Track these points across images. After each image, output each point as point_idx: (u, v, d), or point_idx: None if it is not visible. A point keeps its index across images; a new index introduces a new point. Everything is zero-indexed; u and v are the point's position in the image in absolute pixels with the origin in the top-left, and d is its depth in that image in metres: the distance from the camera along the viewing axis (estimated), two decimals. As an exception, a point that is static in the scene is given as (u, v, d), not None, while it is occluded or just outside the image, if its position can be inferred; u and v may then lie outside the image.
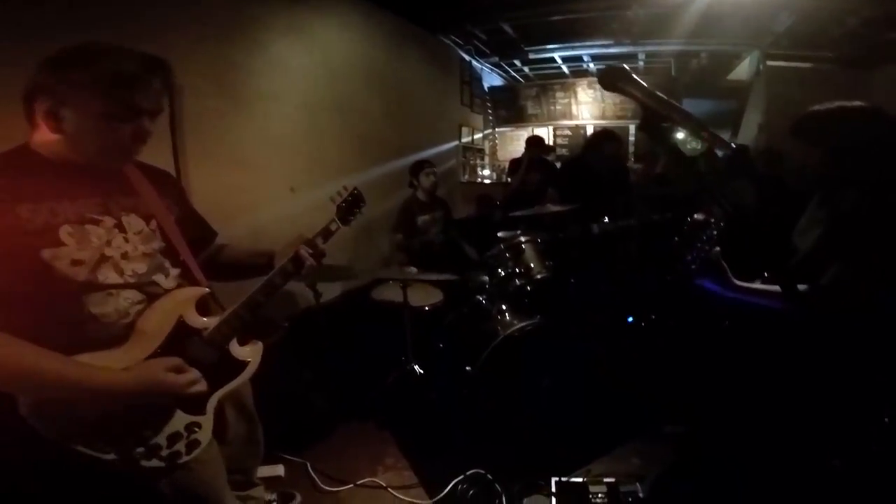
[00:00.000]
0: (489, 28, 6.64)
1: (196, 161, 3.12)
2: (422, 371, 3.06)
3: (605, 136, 4.29)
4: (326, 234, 1.68)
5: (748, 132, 6.61)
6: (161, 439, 1.24)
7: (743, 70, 7.03)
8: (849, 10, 4.89)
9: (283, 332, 2.85)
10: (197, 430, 1.30)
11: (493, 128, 9.28)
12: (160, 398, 1.21)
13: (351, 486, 2.42)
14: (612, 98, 8.45)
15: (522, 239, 3.38)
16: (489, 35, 6.92)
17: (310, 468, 2.51)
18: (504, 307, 3.12)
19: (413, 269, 3.06)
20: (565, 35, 6.75)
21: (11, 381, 1.07)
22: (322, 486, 2.42)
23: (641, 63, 8.04)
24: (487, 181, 8.44)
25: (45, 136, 1.15)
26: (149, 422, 1.24)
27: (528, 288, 3.26)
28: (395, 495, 2.35)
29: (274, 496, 2.26)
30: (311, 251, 1.57)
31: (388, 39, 5.60)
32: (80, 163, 1.19)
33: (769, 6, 5.15)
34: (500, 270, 3.30)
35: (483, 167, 8.84)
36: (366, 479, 2.44)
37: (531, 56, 7.65)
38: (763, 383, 1.84)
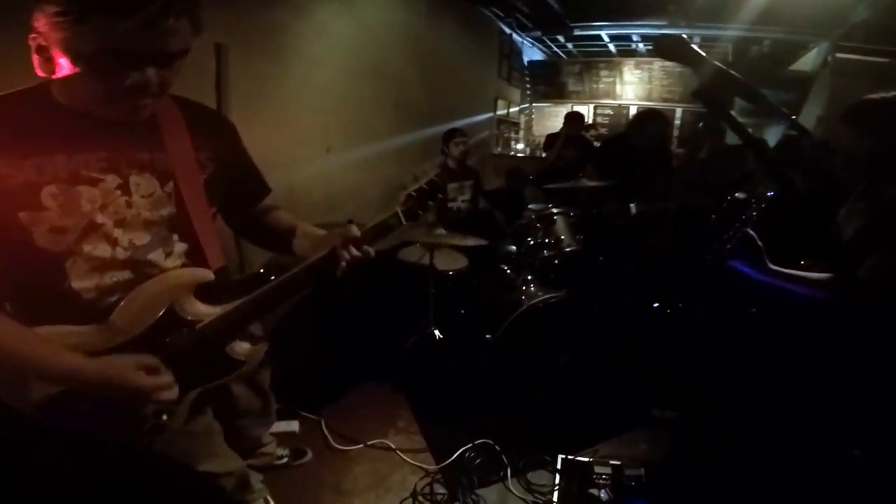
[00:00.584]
0: (533, 1, 6.49)
1: (239, 119, 3.07)
2: (441, 336, 3.02)
3: (650, 116, 4.18)
4: (382, 230, 1.24)
5: (806, 125, 6.34)
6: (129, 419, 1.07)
7: (808, 61, 6.74)
8: None
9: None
10: (165, 417, 1.09)
11: (531, 102, 9.13)
12: (123, 396, 1.02)
13: (361, 445, 2.42)
14: (660, 80, 8.22)
15: (554, 210, 3.31)
16: (532, 8, 6.75)
17: (323, 426, 2.52)
18: (529, 277, 3.07)
19: (442, 231, 3.02)
20: (615, 13, 6.58)
21: None
22: (334, 443, 2.42)
23: (696, 47, 7.75)
24: (521, 155, 8.32)
25: (57, 75, 0.93)
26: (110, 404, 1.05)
27: (556, 260, 3.21)
28: (403, 458, 2.35)
29: (286, 452, 2.25)
30: (353, 253, 1.17)
31: (428, 8, 5.55)
32: (97, 112, 0.99)
33: None
34: (528, 239, 3.25)
35: (517, 141, 8.73)
36: (376, 441, 2.44)
37: (576, 32, 7.47)
38: (787, 372, 1.80)
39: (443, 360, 2.96)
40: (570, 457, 2.21)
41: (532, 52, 8.87)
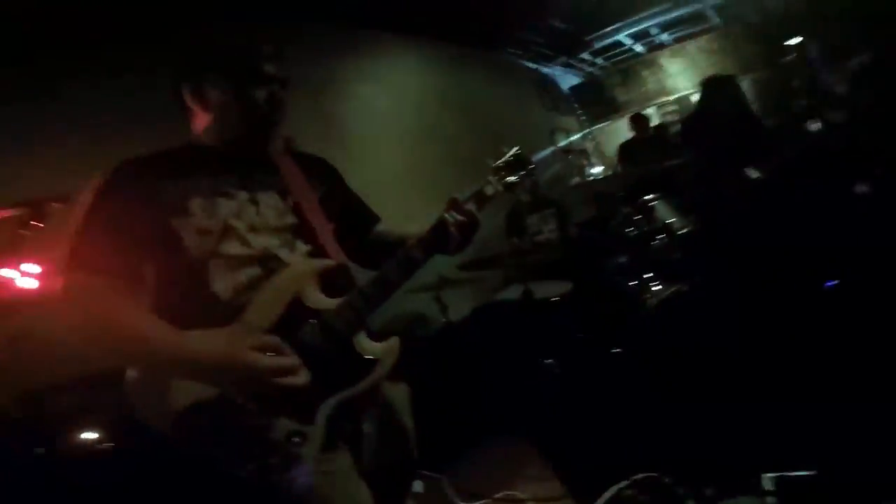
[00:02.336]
0: (539, 29, 6.50)
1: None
2: (559, 369, 2.73)
3: (715, 79, 3.83)
4: (480, 198, 1.37)
5: None
6: (256, 447, 1.01)
7: None
8: None
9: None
10: (298, 440, 1.03)
11: (590, 126, 8.98)
12: (242, 383, 0.99)
13: (489, 500, 2.20)
14: (703, 59, 7.86)
15: (649, 197, 3.00)
16: (543, 36, 6.77)
17: (446, 483, 2.30)
18: (648, 276, 2.73)
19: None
20: (620, 12, 6.49)
21: (91, 331, 1.05)
22: (458, 501, 2.23)
23: (717, 19, 7.42)
24: (601, 177, 7.96)
25: (198, 123, 1.24)
26: (237, 421, 1.02)
27: (672, 247, 2.83)
28: None
29: None
30: (457, 217, 1.30)
31: (450, 65, 5.77)
32: (231, 142, 1.22)
33: None
34: (632, 231, 2.93)
35: (591, 165, 8.46)
36: (503, 493, 2.21)
37: (597, 45, 7.40)
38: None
39: (568, 393, 2.65)
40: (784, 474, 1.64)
41: (568, 79, 8.82)
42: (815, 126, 3.76)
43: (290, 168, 1.31)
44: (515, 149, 1.46)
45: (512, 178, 1.41)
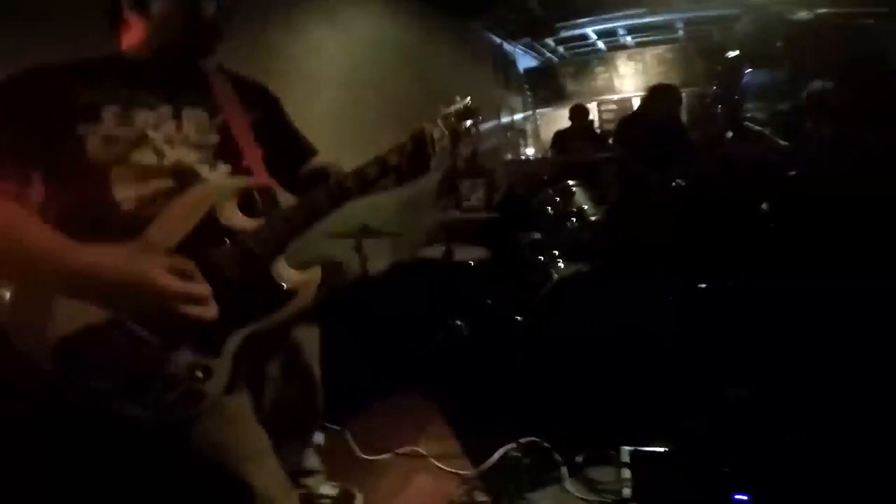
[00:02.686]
0: (516, 6, 6.57)
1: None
2: (468, 330, 2.87)
3: (662, 87, 4.19)
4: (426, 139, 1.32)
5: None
6: (152, 381, 0.92)
7: (793, 31, 6.49)
8: None
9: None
10: (201, 375, 0.94)
11: (533, 109, 9.12)
12: (144, 307, 0.89)
13: (390, 454, 2.26)
14: (654, 67, 8.21)
15: (571, 182, 3.19)
16: (517, 15, 6.83)
17: (348, 436, 2.36)
18: (556, 253, 2.91)
19: (455, 212, 2.92)
20: (596, 7, 6.63)
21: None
22: (361, 454, 2.27)
23: (681, 32, 7.76)
24: (531, 159, 8.23)
25: (131, 37, 1.13)
26: (131, 351, 0.91)
27: (582, 232, 3.04)
28: (437, 465, 2.16)
29: (335, 492, 1.83)
30: (398, 157, 1.27)
31: (418, 25, 5.64)
32: (164, 52, 1.13)
33: None
34: (549, 210, 3.11)
35: (526, 146, 8.68)
36: (406, 448, 2.27)
37: (563, 34, 7.57)
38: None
39: (473, 355, 2.78)
40: (639, 448, 1.92)
41: (526, 60, 8.92)
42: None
43: (224, 88, 1.22)
44: (467, 99, 1.44)
45: (458, 127, 1.38)
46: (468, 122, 1.41)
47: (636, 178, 3.72)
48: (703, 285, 2.78)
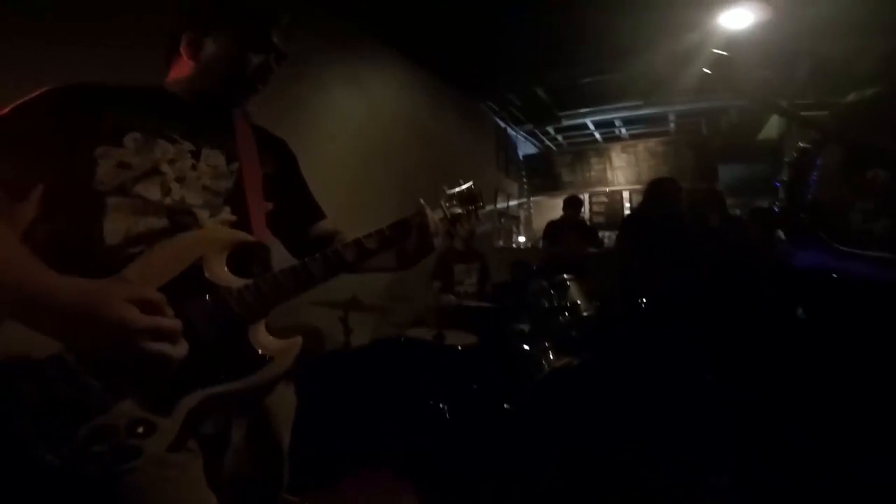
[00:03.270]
0: (523, 93, 6.82)
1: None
2: (450, 413, 2.79)
3: (665, 182, 4.16)
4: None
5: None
6: (81, 427, 0.80)
7: (772, 127, 6.77)
8: (865, 48, 4.71)
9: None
10: (141, 431, 0.83)
11: (528, 196, 9.30)
12: (103, 340, 0.79)
13: None
14: (646, 160, 8.47)
15: (566, 276, 3.22)
16: (524, 101, 7.10)
17: None
18: (547, 345, 2.90)
19: (452, 298, 2.89)
20: (596, 99, 6.88)
21: None
22: None
23: (672, 124, 8.11)
24: (523, 248, 8.31)
25: (177, 73, 1.17)
26: (68, 390, 0.81)
27: (574, 326, 3.05)
28: None
29: None
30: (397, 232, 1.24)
31: (429, 98, 5.85)
32: (202, 94, 1.17)
33: (786, 54, 4.99)
34: (544, 303, 3.13)
35: (518, 234, 8.77)
36: None
37: (564, 123, 7.82)
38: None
39: (453, 438, 2.70)
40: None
41: (526, 147, 9.18)
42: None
43: (246, 136, 1.25)
44: (469, 183, 1.44)
45: (459, 211, 1.37)
46: (470, 206, 1.40)
47: (636, 275, 3.73)
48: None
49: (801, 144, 1.48)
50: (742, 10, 4.09)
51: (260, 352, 0.98)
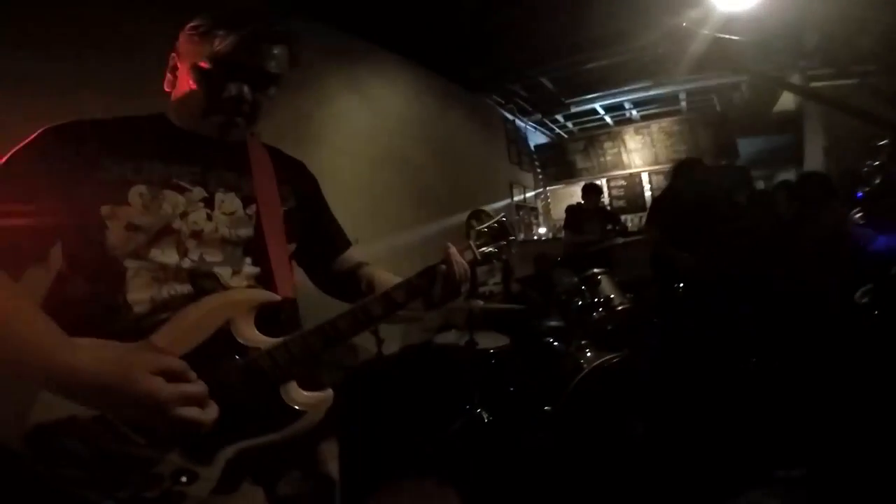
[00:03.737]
0: (528, 84, 6.74)
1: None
2: (491, 417, 2.73)
3: (691, 162, 4.09)
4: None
5: (814, 160, 6.13)
6: (132, 476, 0.84)
7: (789, 98, 6.58)
8: (871, 17, 4.45)
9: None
10: (185, 480, 0.86)
11: (544, 186, 9.18)
12: (132, 413, 0.80)
13: None
14: (661, 141, 8.31)
15: (597, 270, 3.14)
16: (529, 91, 7.03)
17: None
18: (584, 343, 2.83)
19: (479, 302, 2.82)
20: (603, 83, 6.79)
21: None
22: None
23: (683, 103, 7.95)
24: (544, 239, 8.21)
25: (173, 94, 1.08)
26: (117, 446, 0.83)
27: (609, 321, 2.99)
28: None
29: None
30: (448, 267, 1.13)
31: (436, 99, 5.82)
32: (198, 129, 1.07)
33: (792, 27, 4.86)
34: (577, 301, 3.05)
35: (538, 225, 8.66)
36: None
37: (573, 109, 7.74)
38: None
39: (495, 443, 2.64)
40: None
41: (536, 137, 9.07)
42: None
43: (263, 168, 1.15)
44: (500, 216, 1.37)
45: (490, 249, 1.29)
46: (501, 242, 1.32)
47: (671, 260, 3.64)
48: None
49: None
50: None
51: (294, 406, 0.99)
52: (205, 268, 1.00)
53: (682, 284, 3.46)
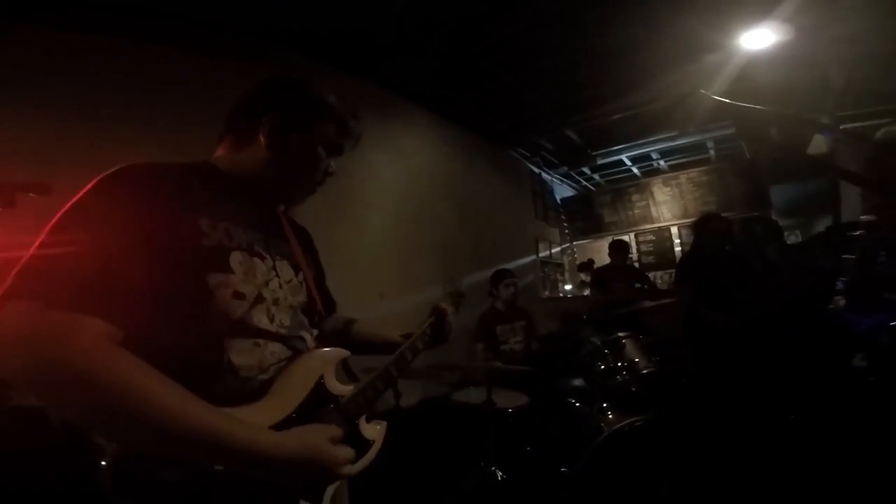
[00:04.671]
0: (554, 137, 6.81)
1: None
2: (504, 476, 2.66)
3: (710, 218, 4.04)
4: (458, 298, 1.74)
5: (851, 207, 5.93)
6: None
7: (819, 141, 6.52)
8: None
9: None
10: None
11: (571, 240, 9.10)
12: (310, 475, 0.94)
13: None
14: (690, 192, 8.14)
15: (621, 334, 3.11)
16: (555, 144, 7.09)
17: None
18: (605, 405, 2.75)
19: (497, 364, 2.79)
20: (629, 134, 6.80)
21: (120, 420, 0.74)
22: None
23: (712, 151, 7.86)
24: (570, 296, 8.06)
25: (234, 154, 1.11)
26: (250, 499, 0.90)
27: (633, 385, 2.90)
28: None
29: None
30: (448, 307, 1.55)
31: (462, 153, 5.91)
32: (262, 185, 1.12)
33: (818, 67, 4.79)
34: (600, 365, 3.01)
35: (564, 282, 8.53)
36: None
37: (599, 161, 7.72)
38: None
39: (507, 502, 2.60)
40: None
41: (563, 190, 9.06)
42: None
43: (292, 235, 1.23)
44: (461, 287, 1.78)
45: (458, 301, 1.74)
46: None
47: (700, 320, 3.54)
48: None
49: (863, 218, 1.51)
50: (763, 29, 3.97)
51: (367, 438, 1.20)
52: (294, 332, 1.08)
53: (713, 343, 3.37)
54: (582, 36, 4.27)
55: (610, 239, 8.05)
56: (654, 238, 8.43)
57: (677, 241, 8.16)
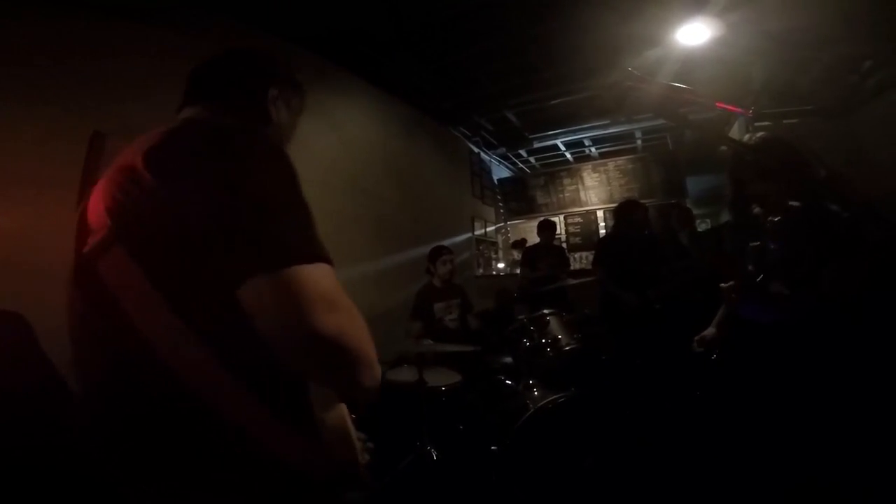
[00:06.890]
0: (495, 118, 6.93)
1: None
2: (439, 455, 2.75)
3: (630, 205, 4.31)
4: None
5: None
6: None
7: (735, 135, 6.94)
8: (810, 57, 4.82)
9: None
10: None
11: (505, 220, 9.31)
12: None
13: None
14: (616, 179, 8.54)
15: (546, 311, 3.22)
16: (495, 125, 7.21)
17: None
18: (531, 382, 2.88)
19: (429, 342, 2.86)
20: (565, 120, 7.02)
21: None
22: None
23: (639, 141, 8.25)
24: (503, 274, 8.29)
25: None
26: None
27: (557, 361, 3.04)
28: None
29: None
30: None
31: (403, 127, 5.84)
32: None
33: (740, 65, 5.06)
34: (525, 342, 3.11)
35: (497, 260, 8.76)
36: None
37: (535, 145, 7.93)
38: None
39: (443, 481, 2.66)
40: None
41: (500, 171, 9.23)
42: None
43: None
44: None
45: None
46: None
47: (614, 299, 3.80)
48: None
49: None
50: (698, 24, 4.17)
51: None
52: None
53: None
54: (529, 20, 4.35)
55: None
56: (581, 220, 8.80)
57: (602, 224, 8.55)
